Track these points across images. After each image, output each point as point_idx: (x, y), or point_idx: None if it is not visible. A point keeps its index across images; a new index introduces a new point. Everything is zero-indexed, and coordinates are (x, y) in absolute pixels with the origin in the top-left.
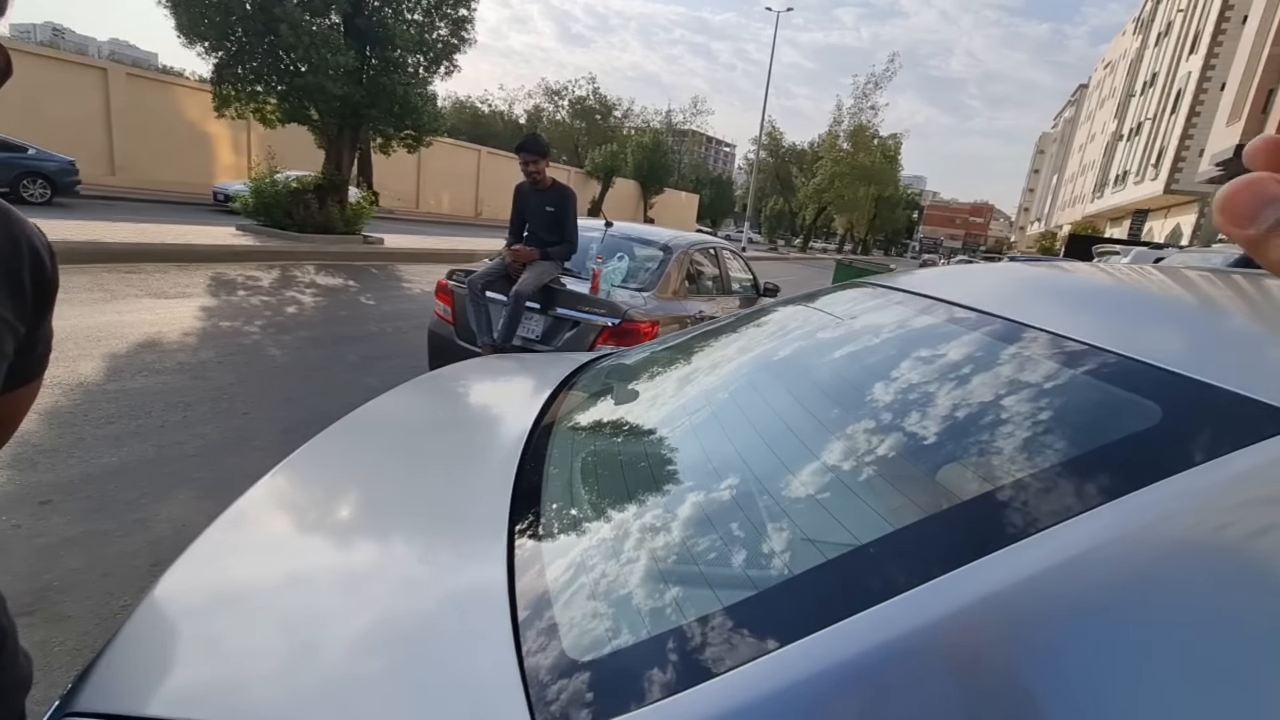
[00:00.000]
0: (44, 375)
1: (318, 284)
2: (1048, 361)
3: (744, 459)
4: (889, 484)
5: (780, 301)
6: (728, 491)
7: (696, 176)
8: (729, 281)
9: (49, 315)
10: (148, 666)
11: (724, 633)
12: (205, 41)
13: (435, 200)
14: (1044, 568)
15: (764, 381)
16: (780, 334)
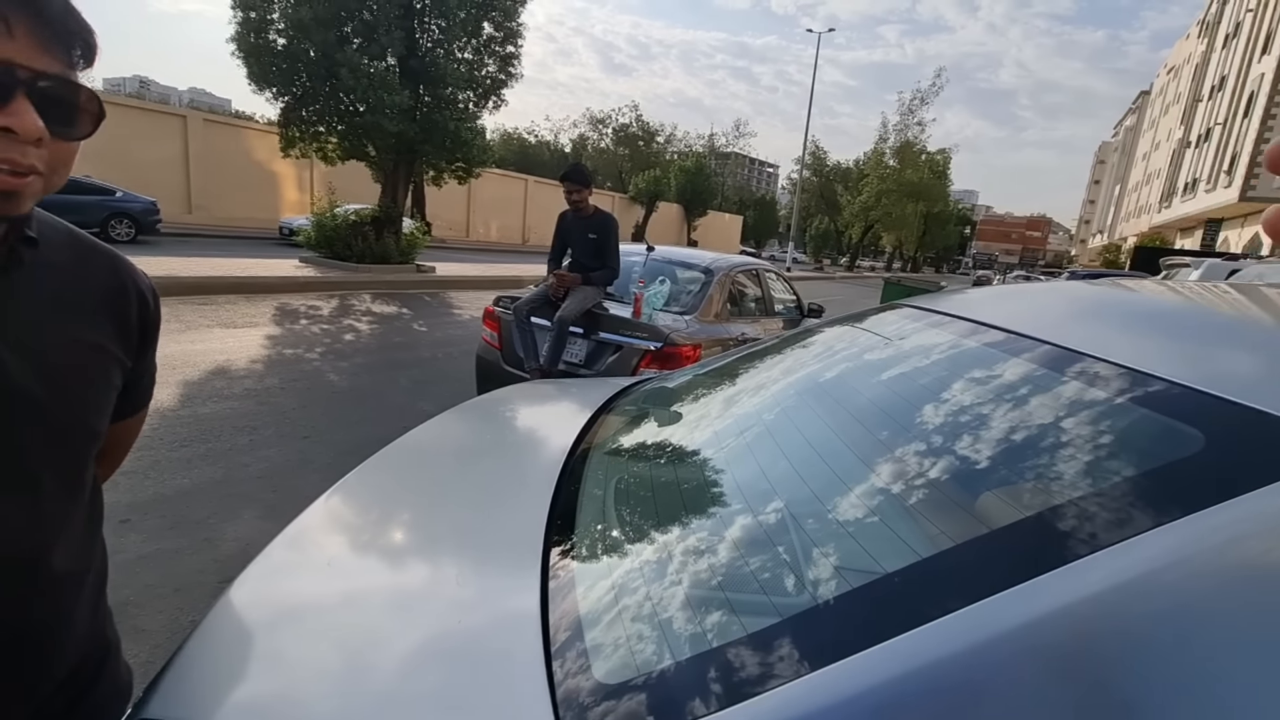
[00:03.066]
0: (149, 405)
1: (374, 312)
2: (1096, 389)
3: (784, 482)
4: (932, 509)
5: (823, 323)
6: (765, 515)
7: (739, 198)
8: (772, 303)
9: (152, 350)
10: (210, 679)
11: (756, 657)
12: (274, 87)
13: (484, 228)
14: (1087, 595)
15: (806, 405)
16: (823, 356)
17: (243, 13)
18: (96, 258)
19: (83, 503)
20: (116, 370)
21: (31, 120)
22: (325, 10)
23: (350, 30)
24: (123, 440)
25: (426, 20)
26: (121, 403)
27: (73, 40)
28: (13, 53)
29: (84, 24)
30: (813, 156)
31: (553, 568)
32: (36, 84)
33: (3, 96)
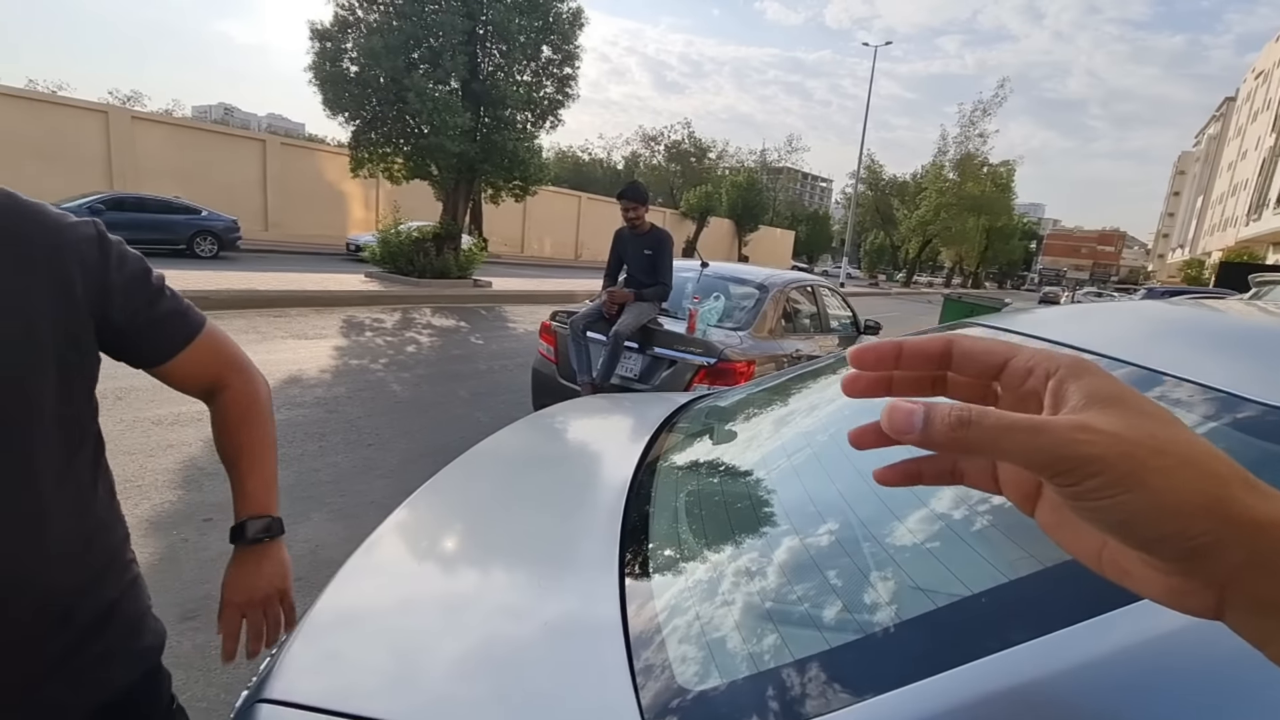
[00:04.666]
0: (203, 335)
1: (434, 325)
2: (1182, 413)
3: (847, 502)
4: (1004, 534)
5: None
6: (830, 535)
7: (792, 213)
8: (827, 319)
9: (136, 296)
10: (318, 664)
11: (834, 673)
12: (345, 112)
13: (539, 244)
14: (1170, 629)
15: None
16: None
17: (320, 43)
18: (25, 229)
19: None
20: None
21: None
22: (395, 39)
23: (417, 57)
24: (209, 363)
25: (489, 45)
26: (156, 344)
27: None
28: None
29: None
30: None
31: (629, 578)
32: None
33: None
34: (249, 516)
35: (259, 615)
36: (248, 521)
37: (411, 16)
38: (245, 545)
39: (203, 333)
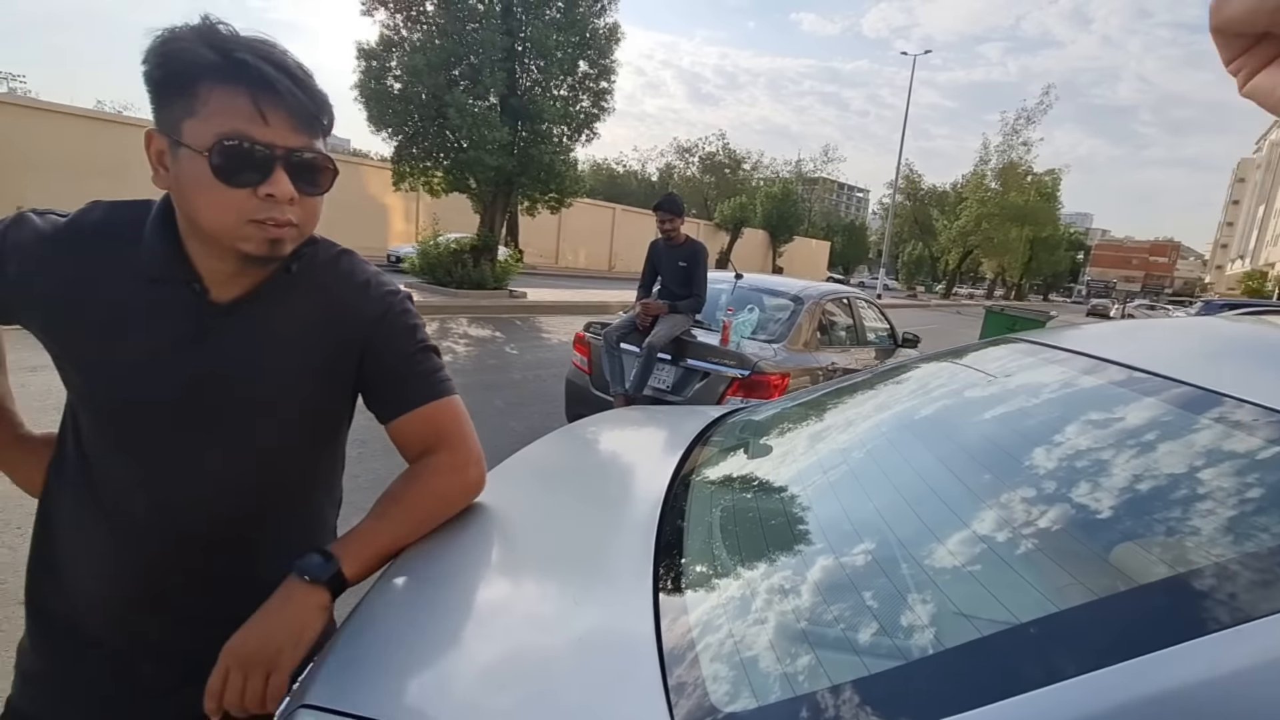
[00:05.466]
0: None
1: (470, 335)
2: (1245, 436)
3: (885, 522)
4: (1050, 560)
5: (923, 357)
6: (868, 555)
7: (827, 224)
8: (864, 332)
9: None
10: (360, 673)
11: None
12: (389, 128)
13: (573, 255)
14: (1238, 668)
15: (905, 441)
16: (922, 392)
17: (366, 62)
18: (332, 287)
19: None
20: (314, 384)
21: (286, 186)
22: (437, 57)
23: (458, 73)
24: (427, 432)
25: (527, 61)
26: (386, 401)
27: (313, 120)
28: (271, 136)
29: (321, 105)
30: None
31: (663, 593)
32: (289, 157)
33: (266, 170)
34: (321, 549)
35: (240, 680)
36: (314, 552)
37: (453, 34)
38: (290, 576)
39: (436, 403)
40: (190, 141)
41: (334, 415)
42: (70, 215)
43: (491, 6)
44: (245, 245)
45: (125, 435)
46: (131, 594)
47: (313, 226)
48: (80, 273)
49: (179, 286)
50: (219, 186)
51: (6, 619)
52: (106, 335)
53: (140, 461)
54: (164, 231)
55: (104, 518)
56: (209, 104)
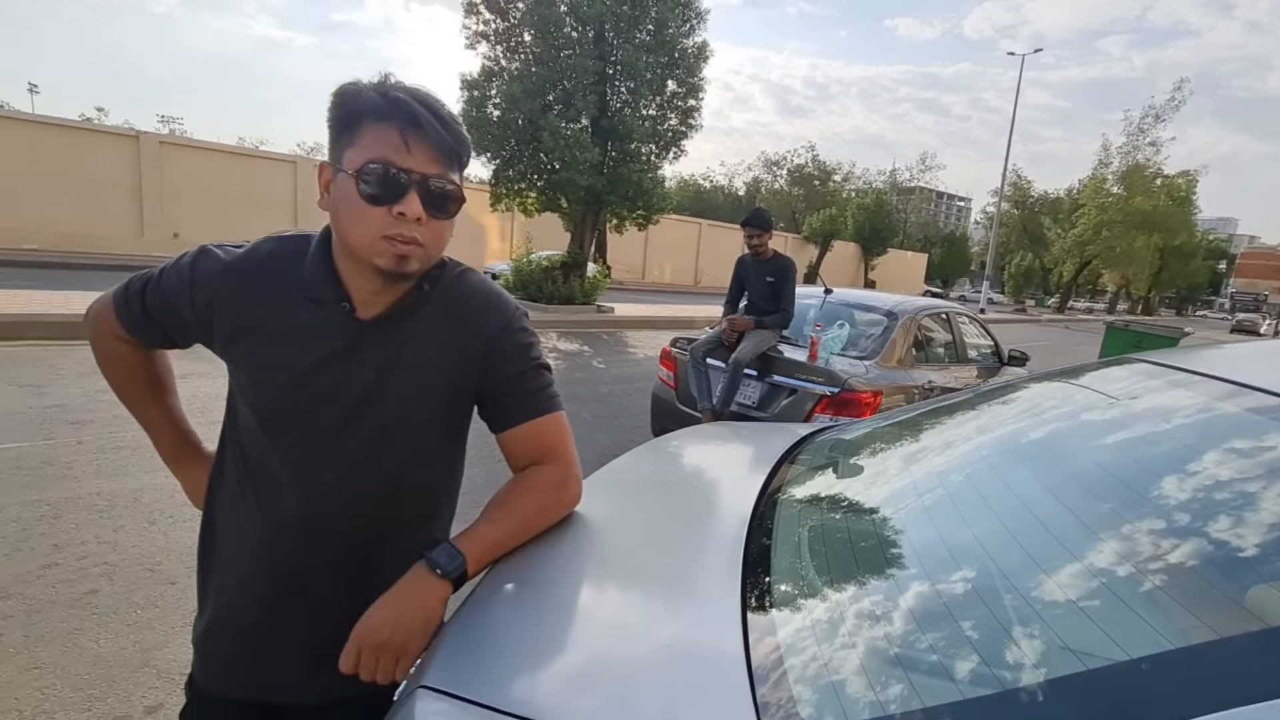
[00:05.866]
0: (540, 421)
1: (559, 349)
2: None
3: (986, 550)
4: (1172, 599)
5: (1033, 377)
6: (966, 583)
7: (925, 235)
8: (964, 349)
9: (511, 373)
10: (469, 660)
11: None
12: (488, 152)
13: (659, 271)
14: None
15: (1011, 466)
16: (1032, 413)
17: (468, 92)
18: (459, 308)
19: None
20: (442, 395)
21: (415, 207)
22: (533, 84)
23: (552, 98)
24: (534, 445)
25: (617, 83)
26: (499, 413)
27: (451, 153)
28: (411, 163)
29: (460, 142)
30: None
31: (751, 610)
32: (423, 183)
33: (402, 192)
34: (450, 541)
35: (372, 659)
36: (443, 543)
37: (548, 62)
38: (419, 563)
39: (543, 419)
40: (346, 166)
41: (458, 423)
42: (245, 247)
43: (585, 33)
44: (378, 259)
45: (281, 438)
46: (276, 580)
47: (439, 249)
48: (254, 296)
49: (332, 306)
50: (361, 204)
51: (160, 597)
52: (273, 350)
53: (291, 462)
54: (322, 258)
55: (258, 511)
56: (365, 136)
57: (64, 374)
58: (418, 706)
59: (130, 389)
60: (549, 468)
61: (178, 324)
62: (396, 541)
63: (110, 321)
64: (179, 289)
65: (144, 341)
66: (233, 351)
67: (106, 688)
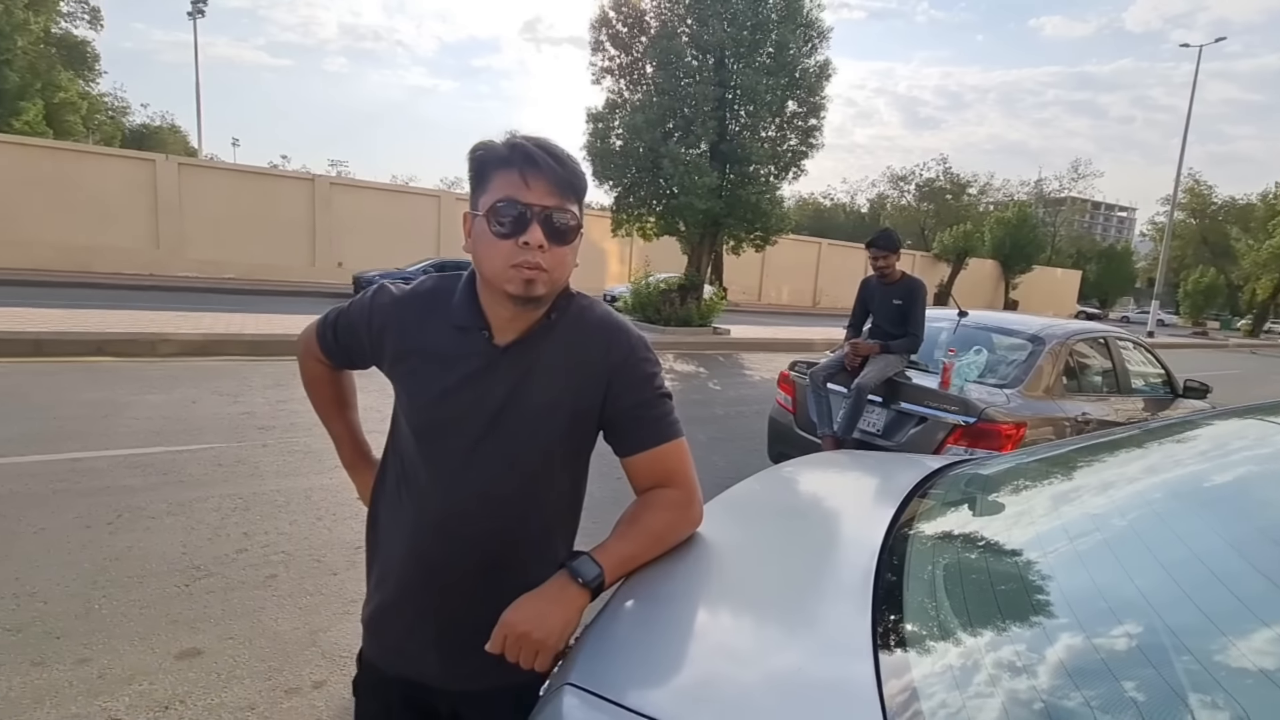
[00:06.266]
0: (662, 448)
1: (676, 370)
2: None
3: (1152, 605)
4: None
5: (1217, 412)
6: (1128, 639)
7: (1077, 250)
8: (1127, 378)
9: (631, 401)
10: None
11: None
12: (610, 180)
13: (776, 292)
14: None
15: (1187, 514)
16: (1216, 454)
17: (593, 124)
18: (584, 336)
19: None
20: (565, 416)
21: (537, 236)
22: (654, 114)
23: (672, 126)
24: (656, 470)
25: (736, 107)
26: (624, 439)
27: (566, 186)
28: (530, 198)
29: (574, 175)
30: (1189, 193)
31: (883, 649)
32: (543, 214)
33: (525, 224)
34: (590, 553)
35: (515, 646)
36: (583, 553)
37: (669, 91)
38: (563, 571)
39: (666, 445)
40: (480, 209)
41: (580, 443)
42: (412, 285)
43: (705, 61)
44: (509, 286)
45: (429, 448)
46: (424, 572)
47: (563, 274)
48: (415, 324)
49: (474, 332)
50: (493, 239)
51: (325, 586)
52: (426, 370)
53: (437, 469)
54: (468, 292)
55: (411, 511)
56: (494, 181)
57: (253, 385)
58: (565, 701)
59: (324, 404)
60: (673, 490)
61: (358, 348)
62: (522, 547)
63: (313, 346)
64: (360, 318)
65: (335, 364)
66: (396, 370)
67: (282, 661)
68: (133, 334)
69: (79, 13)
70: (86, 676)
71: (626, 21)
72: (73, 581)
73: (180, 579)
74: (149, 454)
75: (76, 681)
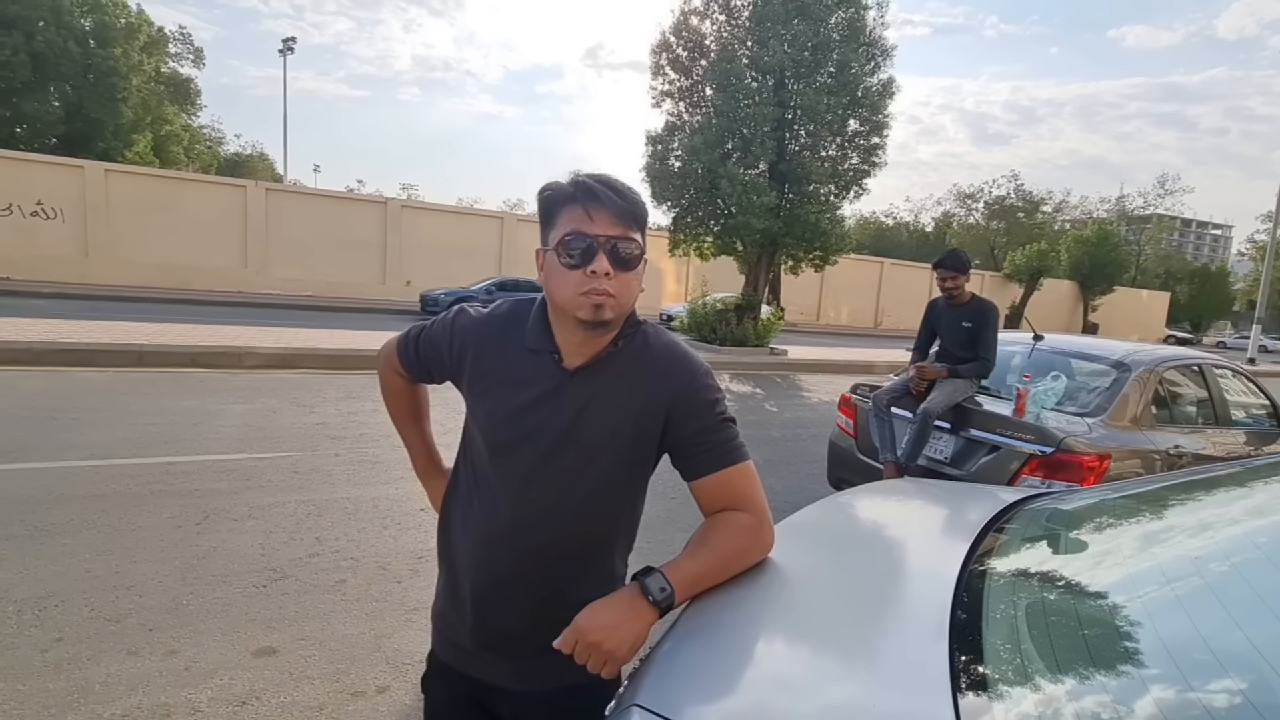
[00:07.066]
0: (728, 471)
1: (732, 391)
2: None
3: (1263, 655)
4: None
5: None
6: (1234, 694)
7: (1165, 270)
8: (1225, 409)
9: (694, 427)
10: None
11: None
12: (668, 201)
13: (835, 312)
14: None
15: None
16: None
17: (652, 146)
18: (646, 364)
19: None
20: (626, 439)
21: (603, 264)
22: (712, 135)
23: (730, 147)
24: (722, 494)
25: (796, 127)
26: (690, 463)
27: (627, 215)
28: (596, 229)
29: (634, 204)
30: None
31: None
32: (607, 244)
33: (591, 254)
34: (661, 571)
35: (585, 651)
36: (655, 570)
37: (728, 113)
38: (634, 582)
39: (729, 469)
40: (550, 244)
41: (642, 466)
42: (490, 308)
43: (764, 82)
44: (579, 312)
45: (501, 463)
46: (489, 577)
47: (629, 298)
48: (492, 346)
49: (545, 356)
50: (563, 271)
51: (390, 593)
52: (502, 389)
53: (507, 484)
54: (540, 317)
55: (481, 520)
56: (561, 217)
57: (327, 397)
58: None
59: (401, 414)
60: (743, 514)
61: (439, 364)
62: (581, 559)
63: (393, 360)
64: (443, 337)
65: (414, 377)
66: (474, 388)
67: (349, 664)
68: (222, 347)
69: (185, 53)
70: (174, 668)
71: (687, 46)
72: (165, 577)
73: (259, 579)
74: (234, 460)
75: (165, 672)
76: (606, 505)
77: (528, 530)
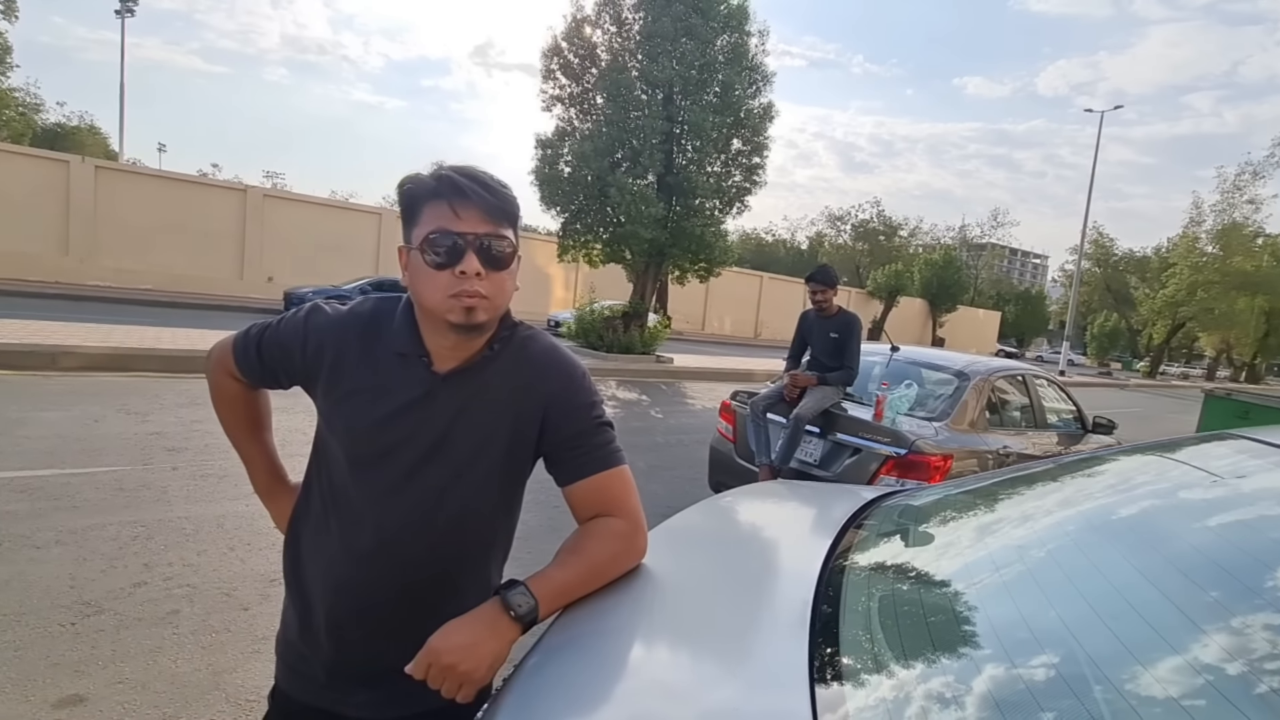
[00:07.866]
0: (603, 475)
1: (617, 397)
2: None
3: (1073, 633)
4: None
5: (1124, 449)
6: (1049, 669)
7: (997, 292)
8: (1043, 413)
9: (570, 431)
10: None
11: None
12: (557, 206)
13: (719, 322)
14: None
15: (1099, 545)
16: (1122, 488)
17: (542, 150)
18: (523, 367)
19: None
20: (503, 446)
21: (473, 264)
22: (603, 143)
23: (620, 156)
24: (597, 499)
25: (684, 142)
26: (564, 468)
27: (497, 213)
28: (462, 227)
29: (505, 201)
30: (1094, 244)
31: (820, 684)
32: (476, 242)
33: (459, 253)
34: (525, 583)
35: (440, 675)
36: (519, 583)
37: (618, 123)
38: (495, 596)
39: (605, 473)
40: (414, 243)
41: (518, 472)
42: (350, 306)
43: (654, 96)
44: (449, 315)
45: (363, 477)
46: (349, 599)
47: (503, 299)
48: (353, 349)
49: (414, 360)
50: (430, 271)
51: (234, 622)
52: (365, 395)
53: (371, 499)
54: (407, 318)
55: (339, 538)
56: (425, 214)
57: (166, 404)
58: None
59: (237, 424)
60: (617, 520)
61: (288, 367)
62: (455, 575)
63: (228, 362)
64: (294, 338)
65: (252, 382)
66: (331, 394)
67: (179, 707)
68: (30, 345)
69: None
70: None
71: (578, 53)
72: None
73: (65, 616)
74: (39, 476)
75: None
76: (482, 517)
77: (395, 548)
